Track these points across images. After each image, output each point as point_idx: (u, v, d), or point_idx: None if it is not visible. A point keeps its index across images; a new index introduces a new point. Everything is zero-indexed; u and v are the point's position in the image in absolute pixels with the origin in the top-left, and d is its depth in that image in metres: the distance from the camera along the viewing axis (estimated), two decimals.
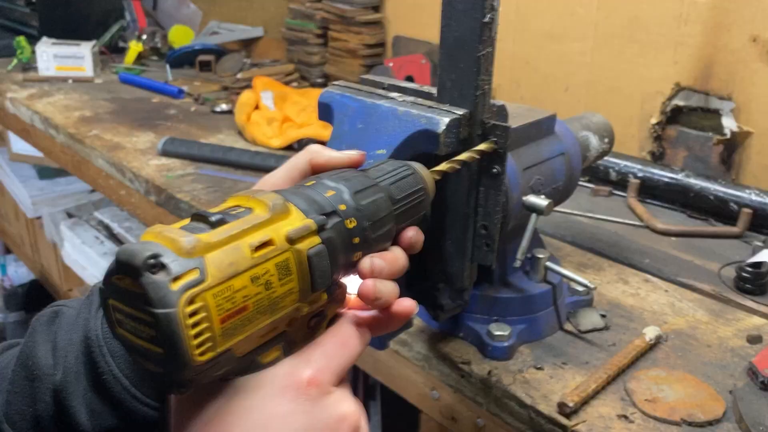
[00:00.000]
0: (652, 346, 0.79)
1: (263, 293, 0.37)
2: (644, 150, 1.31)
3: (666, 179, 1.18)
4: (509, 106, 0.81)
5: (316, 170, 0.51)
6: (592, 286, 0.76)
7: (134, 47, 1.93)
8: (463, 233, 0.64)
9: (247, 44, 2.07)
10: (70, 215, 2.02)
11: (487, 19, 0.57)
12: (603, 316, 0.85)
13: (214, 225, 0.37)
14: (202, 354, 0.34)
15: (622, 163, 1.24)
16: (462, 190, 0.62)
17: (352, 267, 0.46)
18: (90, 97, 1.73)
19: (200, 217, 0.38)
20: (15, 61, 1.94)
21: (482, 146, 0.58)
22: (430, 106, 0.61)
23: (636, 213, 1.17)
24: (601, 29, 1.32)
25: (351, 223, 0.44)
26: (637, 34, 1.28)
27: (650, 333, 0.79)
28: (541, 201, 0.71)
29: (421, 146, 0.59)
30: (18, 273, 2.62)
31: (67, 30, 2.02)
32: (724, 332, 0.84)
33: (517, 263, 0.72)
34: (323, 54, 1.78)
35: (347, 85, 0.68)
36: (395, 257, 0.48)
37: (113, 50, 2.09)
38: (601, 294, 0.92)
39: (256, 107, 1.52)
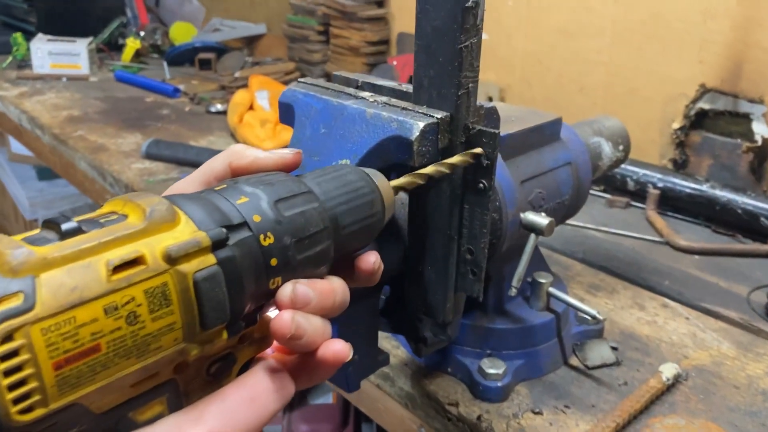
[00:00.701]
0: (670, 387, 0.68)
1: (125, 329, 0.28)
2: (665, 157, 1.20)
3: (689, 190, 1.07)
4: (509, 109, 0.71)
5: (237, 174, 0.42)
6: (601, 317, 0.66)
7: (131, 44, 1.86)
8: (445, 258, 0.54)
9: (250, 42, 1.99)
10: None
11: (470, 3, 0.47)
12: (614, 348, 0.75)
13: (64, 235, 0.28)
14: (24, 412, 0.25)
15: (641, 171, 1.13)
16: (443, 207, 0.53)
17: (268, 297, 0.36)
18: (82, 96, 1.66)
19: (51, 225, 0.29)
20: (10, 58, 1.88)
21: (455, 159, 0.49)
22: (404, 108, 0.51)
23: (655, 227, 1.06)
24: (620, 25, 1.22)
25: (267, 240, 0.35)
26: (658, 31, 1.17)
27: (667, 372, 0.68)
28: (541, 219, 0.61)
29: (392, 156, 0.50)
30: None
31: (67, 27, 1.96)
32: (754, 370, 0.73)
33: (513, 291, 0.62)
34: (324, 52, 1.69)
35: (314, 83, 0.58)
36: (331, 288, 0.38)
37: (113, 48, 2.02)
38: (613, 321, 0.81)
39: (251, 107, 1.44)
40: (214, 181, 0.42)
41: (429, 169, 0.48)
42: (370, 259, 0.43)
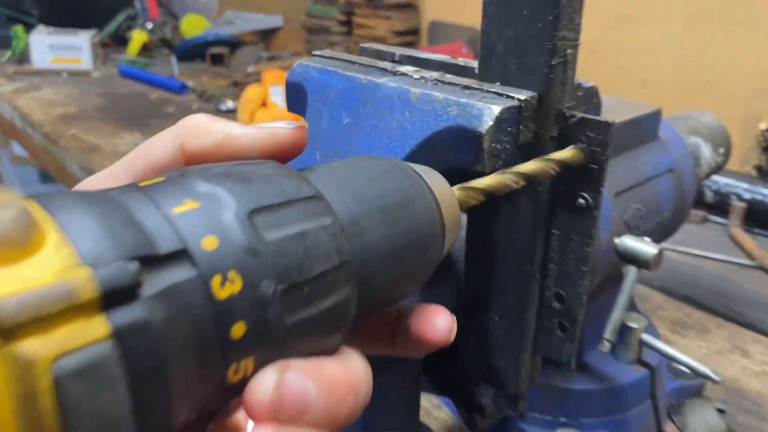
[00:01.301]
0: None
1: None
2: (749, 164, 1.02)
3: None
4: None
5: (194, 163, 0.25)
6: (718, 378, 0.49)
7: (138, 37, 1.71)
8: (520, 306, 0.37)
9: (266, 35, 1.83)
10: None
11: None
12: (721, 411, 0.57)
13: None
14: None
15: (722, 180, 0.95)
16: (520, 232, 0.36)
17: (228, 396, 0.20)
18: (81, 92, 1.52)
19: None
20: (9, 52, 1.75)
21: (563, 154, 0.32)
22: (466, 86, 0.34)
23: (743, 248, 0.88)
24: (692, 8, 1.04)
25: (228, 286, 0.18)
26: (738, 14, 0.99)
27: None
28: (647, 247, 0.44)
29: (449, 157, 0.33)
30: None
31: (71, 19, 1.82)
32: None
33: (605, 347, 0.45)
34: (347, 44, 1.53)
35: (335, 56, 0.42)
36: (348, 379, 0.22)
37: (120, 42, 1.88)
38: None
39: (264, 104, 1.28)
40: (149, 168, 0.25)
41: (528, 166, 0.31)
42: (440, 324, 0.27)
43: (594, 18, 1.17)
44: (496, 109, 0.32)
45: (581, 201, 0.34)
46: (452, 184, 0.31)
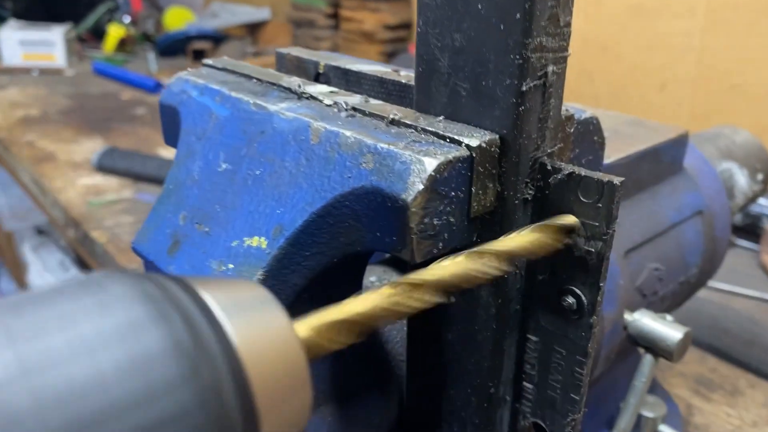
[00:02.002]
0: None
1: None
2: None
3: None
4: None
5: None
6: None
7: (114, 33, 1.60)
8: None
9: (253, 29, 1.71)
10: (40, 231, 1.71)
11: None
12: None
13: None
14: None
15: None
16: (482, 336, 0.24)
17: None
18: (48, 92, 1.41)
19: None
20: None
21: (522, 240, 0.20)
22: (394, 121, 0.22)
23: None
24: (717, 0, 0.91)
25: None
26: None
27: None
28: (669, 331, 0.32)
29: (362, 236, 0.21)
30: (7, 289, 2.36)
31: (50, 13, 1.71)
32: None
33: None
34: (334, 39, 1.40)
35: (230, 67, 0.30)
36: None
37: (100, 37, 1.77)
38: None
39: None
40: None
41: (449, 268, 0.19)
42: None
43: (605, 11, 1.04)
44: (431, 165, 0.20)
45: (570, 300, 0.22)
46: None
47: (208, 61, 0.31)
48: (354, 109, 0.24)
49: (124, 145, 1.08)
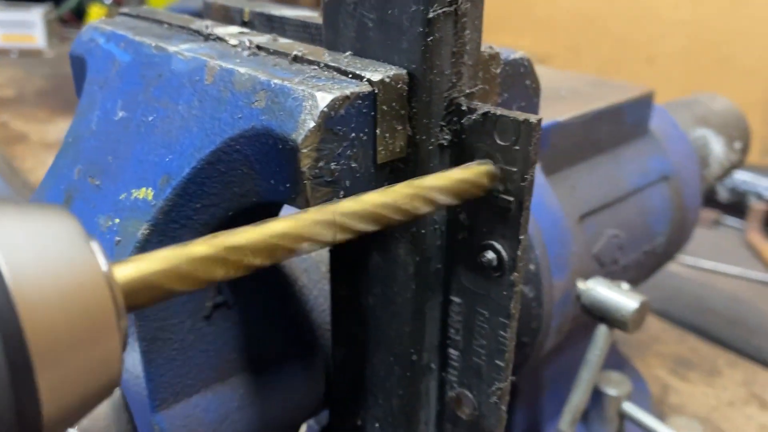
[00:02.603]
0: None
1: None
2: None
3: None
4: (556, 77, 0.39)
5: None
6: None
7: (95, 12, 1.57)
8: (407, 410, 0.23)
9: None
10: None
11: None
12: None
13: None
14: None
15: (738, 176, 0.81)
16: (401, 299, 0.21)
17: None
18: (26, 74, 1.39)
19: None
20: None
21: (463, 172, 0.18)
22: (297, 58, 0.20)
23: (763, 257, 0.73)
24: None
25: None
26: None
27: None
28: (625, 300, 0.29)
29: (255, 185, 0.19)
30: None
31: None
32: None
33: None
34: None
35: (144, 14, 0.28)
36: None
37: (82, 17, 1.73)
38: None
39: None
40: None
41: (316, 216, 0.16)
42: None
43: None
44: (324, 99, 0.17)
45: (490, 256, 0.20)
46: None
47: (124, 9, 0.29)
48: (258, 47, 0.22)
49: None
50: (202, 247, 0.13)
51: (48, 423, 0.10)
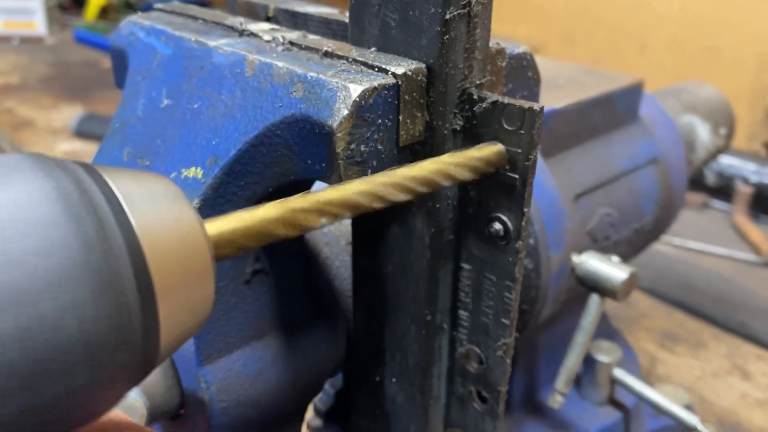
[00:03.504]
0: None
1: None
2: (756, 139, 0.89)
3: None
4: (552, 66, 0.42)
5: None
6: (705, 431, 0.38)
7: (96, 0, 1.58)
8: (422, 366, 0.26)
9: None
10: None
11: None
12: None
13: None
14: None
15: (725, 161, 0.84)
16: (417, 266, 0.24)
17: None
18: (29, 60, 1.40)
19: None
20: None
21: (474, 153, 0.20)
22: (327, 53, 0.23)
23: (748, 239, 0.77)
24: None
25: None
26: None
27: None
28: (614, 271, 0.33)
29: (293, 165, 0.22)
30: None
31: None
32: None
33: (556, 402, 0.34)
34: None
35: (177, 10, 0.30)
36: None
37: (82, 4, 1.74)
38: (705, 400, 0.53)
39: None
40: None
41: (360, 188, 0.19)
42: None
43: None
44: (356, 90, 0.20)
45: (497, 227, 0.23)
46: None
47: (158, 5, 0.31)
48: (291, 43, 0.24)
49: (105, 112, 1.08)
50: (272, 209, 0.16)
51: (163, 348, 0.13)
